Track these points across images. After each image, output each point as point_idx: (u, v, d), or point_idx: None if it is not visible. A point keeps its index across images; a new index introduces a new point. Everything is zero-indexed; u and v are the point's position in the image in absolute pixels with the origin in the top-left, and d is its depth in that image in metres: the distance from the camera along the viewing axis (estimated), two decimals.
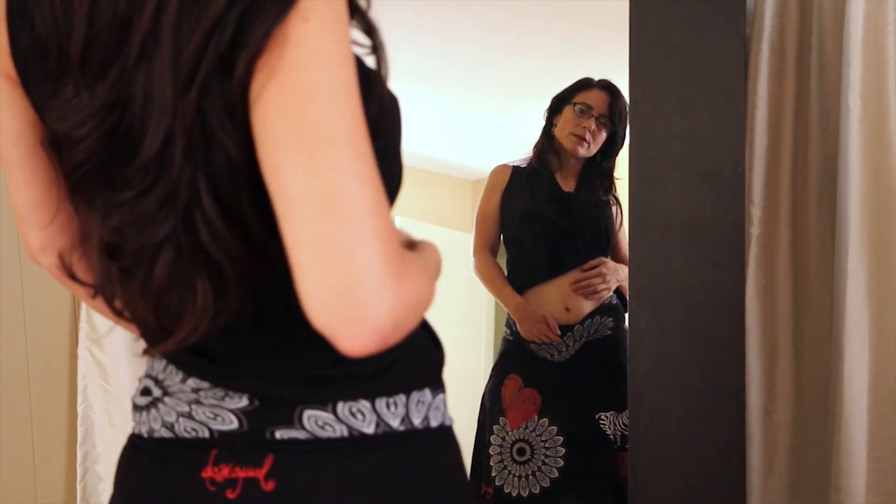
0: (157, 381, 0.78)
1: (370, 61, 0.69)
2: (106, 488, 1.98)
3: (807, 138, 1.74)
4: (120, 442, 2.27)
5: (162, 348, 0.69)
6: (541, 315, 2.32)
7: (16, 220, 0.83)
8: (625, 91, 2.01)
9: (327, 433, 0.69)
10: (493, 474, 2.27)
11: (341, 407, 0.70)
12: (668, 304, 1.74)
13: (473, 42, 3.35)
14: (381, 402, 0.71)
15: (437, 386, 0.77)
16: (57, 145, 0.68)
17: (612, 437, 2.23)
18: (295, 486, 0.69)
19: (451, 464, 0.79)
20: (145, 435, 0.77)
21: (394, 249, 0.57)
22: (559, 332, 2.32)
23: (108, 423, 2.05)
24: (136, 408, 0.80)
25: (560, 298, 2.35)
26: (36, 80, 0.70)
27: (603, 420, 2.24)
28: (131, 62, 0.61)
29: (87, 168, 0.66)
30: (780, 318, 1.73)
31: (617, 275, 2.36)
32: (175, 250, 0.63)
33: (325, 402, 0.70)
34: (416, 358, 0.76)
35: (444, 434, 0.77)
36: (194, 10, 0.59)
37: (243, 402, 0.71)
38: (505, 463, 2.27)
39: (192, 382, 0.75)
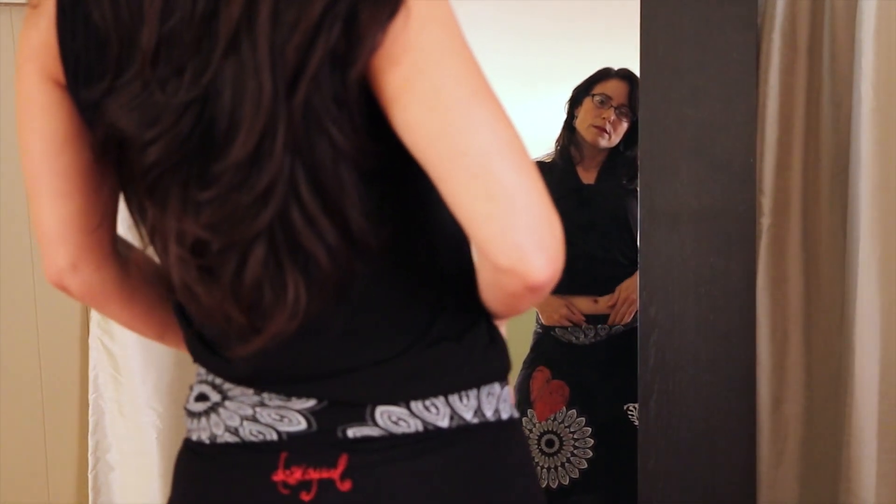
0: (215, 386, 0.75)
1: None
2: (117, 477, 1.99)
3: (818, 128, 1.73)
4: (130, 431, 2.26)
5: (249, 347, 0.65)
6: (561, 301, 2.31)
7: (42, 240, 0.76)
8: None
9: (402, 428, 0.68)
10: None
11: (414, 402, 0.68)
12: (679, 295, 1.74)
13: (487, 29, 3.34)
14: (453, 396, 0.69)
15: (504, 379, 0.76)
16: (117, 147, 0.64)
17: None
18: (372, 484, 0.67)
19: (524, 455, 0.78)
20: (207, 441, 0.74)
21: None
22: (584, 317, 2.30)
23: (118, 412, 2.05)
24: (192, 414, 0.77)
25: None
26: (88, 77, 0.66)
27: (631, 411, 2.23)
28: (217, 56, 0.58)
29: (161, 168, 0.61)
30: (790, 308, 1.73)
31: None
32: (268, 244, 0.61)
33: (397, 401, 0.68)
34: (487, 351, 0.74)
35: (514, 426, 0.76)
36: (294, 1, 0.57)
37: (311, 402, 0.69)
38: (533, 455, 2.27)
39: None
